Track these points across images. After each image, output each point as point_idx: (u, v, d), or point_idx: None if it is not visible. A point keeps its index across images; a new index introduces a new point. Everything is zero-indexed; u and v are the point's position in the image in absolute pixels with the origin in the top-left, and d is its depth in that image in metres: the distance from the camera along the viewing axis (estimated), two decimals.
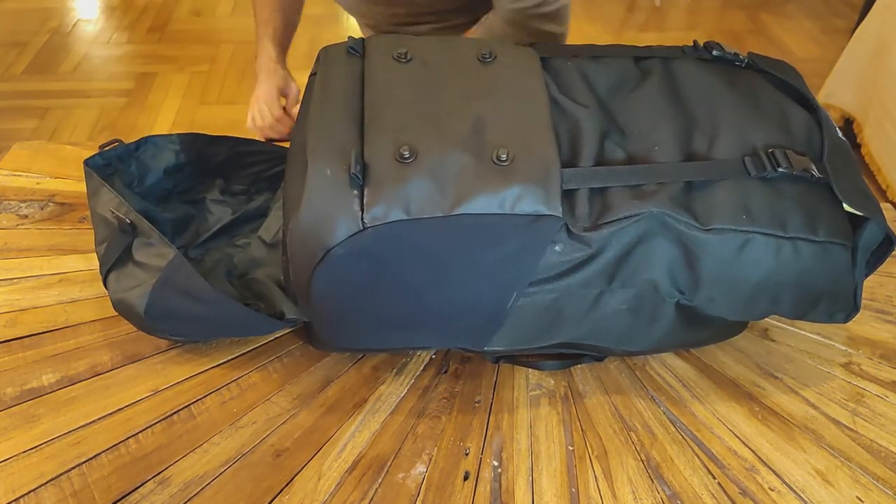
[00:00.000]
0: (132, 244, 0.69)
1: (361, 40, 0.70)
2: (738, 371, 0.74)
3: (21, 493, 0.61)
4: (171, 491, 0.61)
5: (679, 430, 0.68)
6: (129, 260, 0.69)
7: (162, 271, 0.66)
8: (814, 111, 0.69)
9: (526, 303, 0.64)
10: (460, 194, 0.58)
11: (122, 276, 0.68)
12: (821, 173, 0.63)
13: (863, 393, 0.72)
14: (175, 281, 0.66)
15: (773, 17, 3.10)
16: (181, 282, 0.66)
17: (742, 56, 0.73)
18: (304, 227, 0.58)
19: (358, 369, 0.73)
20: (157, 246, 0.67)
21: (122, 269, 0.69)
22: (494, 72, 0.67)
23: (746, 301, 0.64)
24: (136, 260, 0.68)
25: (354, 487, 0.62)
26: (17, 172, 0.95)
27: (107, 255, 0.70)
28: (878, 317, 0.79)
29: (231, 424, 0.67)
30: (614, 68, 0.70)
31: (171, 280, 0.66)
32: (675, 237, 0.61)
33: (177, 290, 0.66)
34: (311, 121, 0.63)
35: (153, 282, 0.66)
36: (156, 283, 0.66)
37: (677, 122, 0.66)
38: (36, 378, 0.70)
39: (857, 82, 2.14)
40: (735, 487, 0.63)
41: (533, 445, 0.66)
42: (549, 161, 0.60)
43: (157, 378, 0.71)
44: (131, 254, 0.69)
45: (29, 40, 2.77)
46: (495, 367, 0.74)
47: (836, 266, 0.63)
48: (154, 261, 0.67)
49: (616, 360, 0.75)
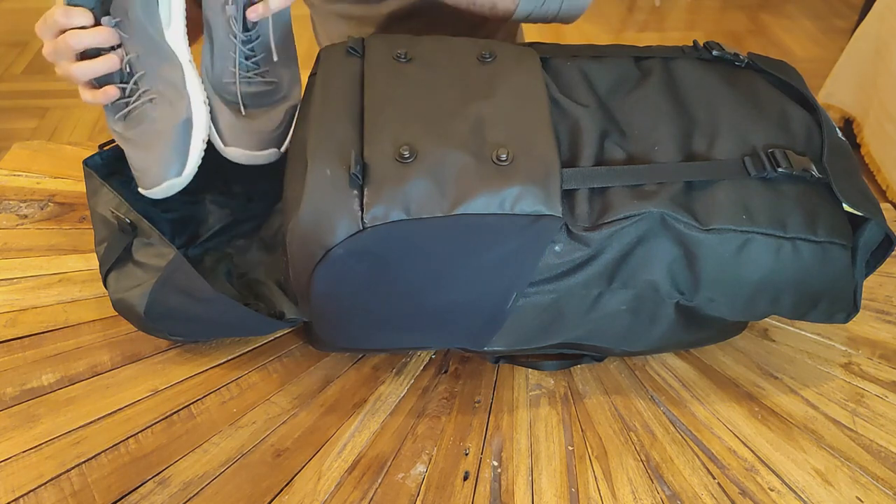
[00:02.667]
0: (132, 244, 0.69)
1: (361, 40, 0.70)
2: (738, 371, 0.74)
3: (21, 493, 0.61)
4: (170, 491, 0.61)
5: (679, 431, 0.68)
6: (128, 260, 0.69)
7: (162, 271, 0.66)
8: (814, 111, 0.69)
9: (526, 303, 0.64)
10: (460, 194, 0.58)
11: (122, 276, 0.68)
12: (821, 173, 0.63)
13: (863, 393, 0.72)
14: (175, 281, 0.66)
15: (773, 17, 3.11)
16: (181, 282, 0.66)
17: (742, 56, 0.73)
18: (304, 226, 0.58)
19: (358, 369, 0.73)
20: (156, 246, 0.67)
21: (122, 269, 0.69)
22: (494, 71, 0.67)
23: (746, 301, 0.64)
24: (136, 260, 0.68)
25: (354, 487, 0.62)
26: (17, 172, 0.95)
27: (106, 255, 0.70)
28: (878, 317, 0.80)
29: (231, 424, 0.67)
30: (614, 68, 0.71)
31: (171, 280, 0.66)
32: (674, 237, 0.61)
33: (176, 290, 0.66)
34: (311, 121, 0.63)
35: (153, 282, 0.66)
36: (156, 283, 0.66)
37: (677, 122, 0.66)
38: (36, 378, 0.70)
39: (857, 82, 2.14)
40: (735, 487, 0.63)
41: (533, 445, 0.67)
42: (549, 161, 0.60)
43: (157, 378, 0.71)
44: (131, 254, 0.69)
45: (29, 40, 2.77)
46: (495, 368, 0.74)
47: (836, 266, 0.64)
48: (154, 261, 0.67)
49: (616, 360, 0.75)
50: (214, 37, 0.72)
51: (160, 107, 0.69)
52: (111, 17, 0.66)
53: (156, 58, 0.69)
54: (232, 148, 0.71)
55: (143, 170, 0.68)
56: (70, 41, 0.64)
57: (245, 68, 0.72)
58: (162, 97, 0.69)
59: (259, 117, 0.72)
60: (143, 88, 0.69)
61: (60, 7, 0.64)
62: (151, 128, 0.68)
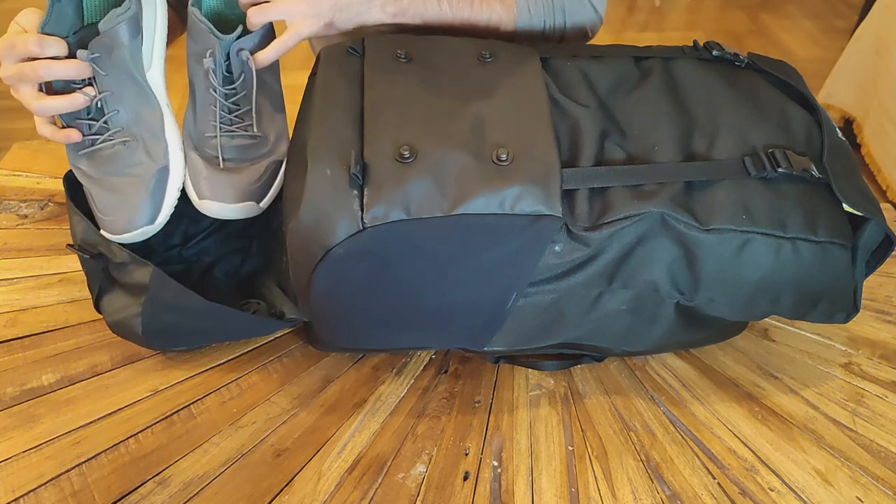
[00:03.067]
0: (108, 268, 0.67)
1: (361, 40, 0.70)
2: (738, 371, 0.74)
3: (21, 493, 0.61)
4: (170, 491, 0.61)
5: (679, 431, 0.68)
6: (113, 283, 0.67)
7: (147, 289, 0.64)
8: (814, 111, 0.69)
9: (526, 303, 0.64)
10: (460, 194, 0.58)
11: (112, 300, 0.67)
12: (821, 173, 0.63)
13: (863, 393, 0.72)
14: (162, 298, 0.64)
15: (773, 17, 3.11)
16: (168, 297, 0.64)
17: (742, 56, 0.73)
18: (304, 226, 0.58)
19: (358, 369, 0.73)
20: (131, 265, 0.64)
21: (110, 293, 0.67)
22: (494, 72, 0.67)
23: (746, 301, 0.64)
24: (119, 282, 0.66)
25: (354, 487, 0.62)
26: (17, 172, 0.95)
27: (90, 284, 0.69)
28: (878, 317, 0.80)
29: (231, 424, 0.67)
30: (614, 68, 0.71)
31: (158, 297, 0.64)
32: (674, 237, 0.61)
33: (166, 307, 0.65)
34: (311, 121, 0.63)
35: (141, 301, 0.64)
36: (144, 303, 0.64)
37: (677, 122, 0.66)
38: (36, 378, 0.70)
39: (857, 82, 2.14)
40: (735, 488, 0.63)
41: (533, 445, 0.66)
42: (549, 161, 0.60)
43: (157, 378, 0.71)
44: (113, 277, 0.67)
45: None
46: (495, 368, 0.74)
47: (836, 266, 0.64)
48: (136, 278, 0.64)
49: (616, 360, 0.75)
50: (196, 90, 0.68)
51: (135, 151, 0.66)
52: (89, 51, 0.62)
53: (134, 98, 0.66)
54: (206, 201, 0.67)
55: (111, 213, 0.65)
56: (40, 71, 0.61)
57: (228, 122, 0.69)
58: (136, 140, 0.66)
59: (240, 171, 0.68)
60: (115, 129, 0.66)
61: (35, 35, 0.61)
62: (124, 171, 0.65)
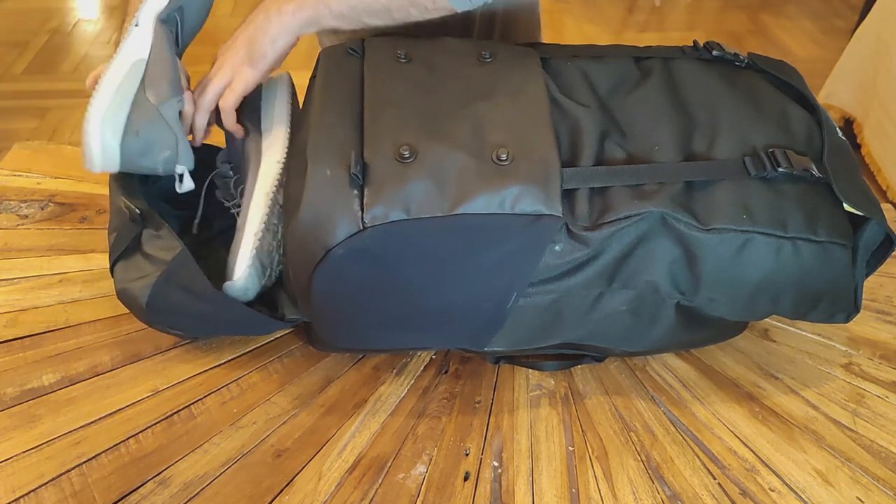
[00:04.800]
0: (141, 235, 0.69)
1: (361, 41, 0.70)
2: (739, 371, 0.74)
3: (21, 493, 0.61)
4: (171, 491, 0.61)
5: (679, 431, 0.68)
6: (137, 250, 0.69)
7: (167, 265, 0.66)
8: (814, 111, 0.69)
9: (526, 303, 0.64)
10: (460, 194, 0.58)
11: (129, 267, 0.69)
12: (821, 173, 0.63)
13: (863, 393, 0.72)
14: (178, 277, 0.66)
15: (773, 17, 3.10)
16: (184, 278, 0.66)
17: (742, 56, 0.73)
18: (304, 227, 0.58)
19: (358, 369, 0.73)
20: (165, 239, 0.68)
21: (130, 259, 0.69)
22: (494, 72, 0.67)
23: (747, 301, 0.64)
24: (144, 251, 0.69)
25: (354, 488, 0.62)
26: (17, 172, 0.95)
27: (116, 243, 0.71)
28: (879, 317, 0.79)
29: (231, 424, 0.67)
30: (614, 68, 0.70)
31: (175, 275, 0.66)
32: (675, 237, 0.61)
33: (179, 287, 0.66)
34: (311, 121, 0.63)
35: (157, 275, 0.66)
36: (159, 278, 0.66)
37: (677, 122, 0.66)
38: (36, 378, 0.70)
39: (857, 82, 2.14)
40: (735, 488, 0.63)
41: (533, 446, 0.66)
42: (549, 161, 0.60)
43: (157, 378, 0.71)
44: (140, 245, 0.69)
45: (29, 40, 2.77)
46: (495, 368, 0.74)
47: (837, 266, 0.63)
48: (161, 254, 0.67)
49: (616, 360, 0.75)
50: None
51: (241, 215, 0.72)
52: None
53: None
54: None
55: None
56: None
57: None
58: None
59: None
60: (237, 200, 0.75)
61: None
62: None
